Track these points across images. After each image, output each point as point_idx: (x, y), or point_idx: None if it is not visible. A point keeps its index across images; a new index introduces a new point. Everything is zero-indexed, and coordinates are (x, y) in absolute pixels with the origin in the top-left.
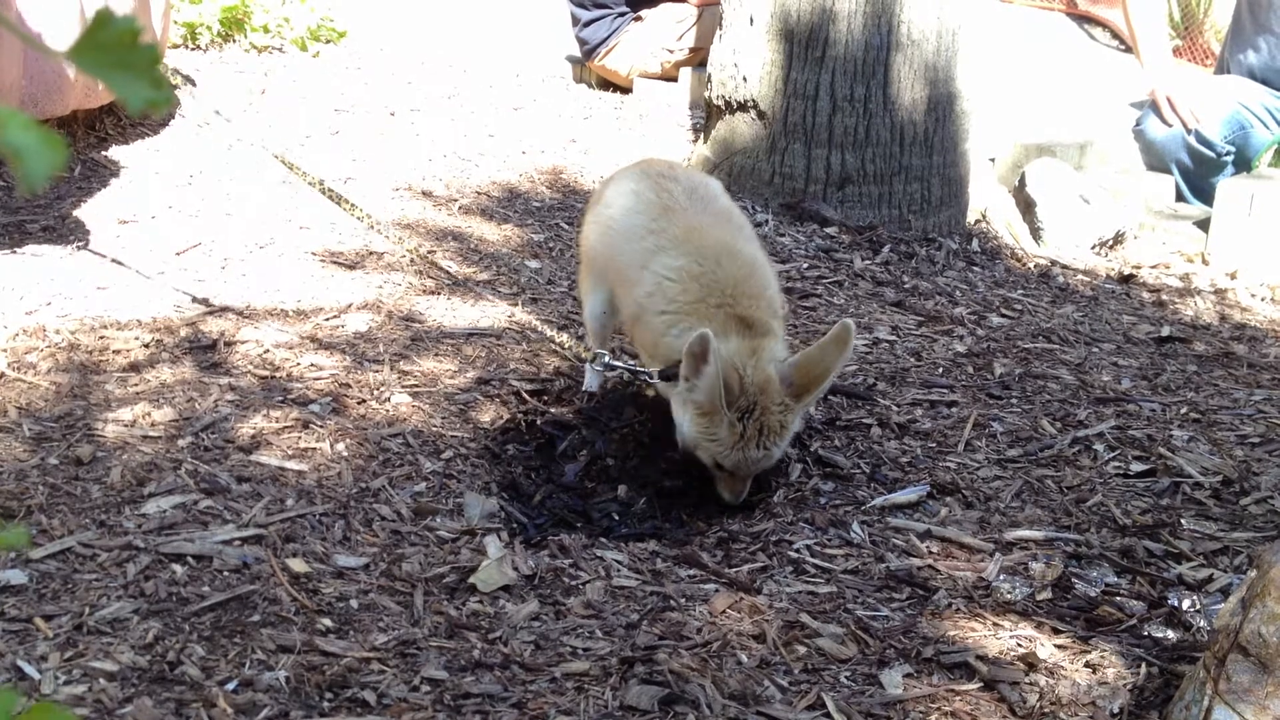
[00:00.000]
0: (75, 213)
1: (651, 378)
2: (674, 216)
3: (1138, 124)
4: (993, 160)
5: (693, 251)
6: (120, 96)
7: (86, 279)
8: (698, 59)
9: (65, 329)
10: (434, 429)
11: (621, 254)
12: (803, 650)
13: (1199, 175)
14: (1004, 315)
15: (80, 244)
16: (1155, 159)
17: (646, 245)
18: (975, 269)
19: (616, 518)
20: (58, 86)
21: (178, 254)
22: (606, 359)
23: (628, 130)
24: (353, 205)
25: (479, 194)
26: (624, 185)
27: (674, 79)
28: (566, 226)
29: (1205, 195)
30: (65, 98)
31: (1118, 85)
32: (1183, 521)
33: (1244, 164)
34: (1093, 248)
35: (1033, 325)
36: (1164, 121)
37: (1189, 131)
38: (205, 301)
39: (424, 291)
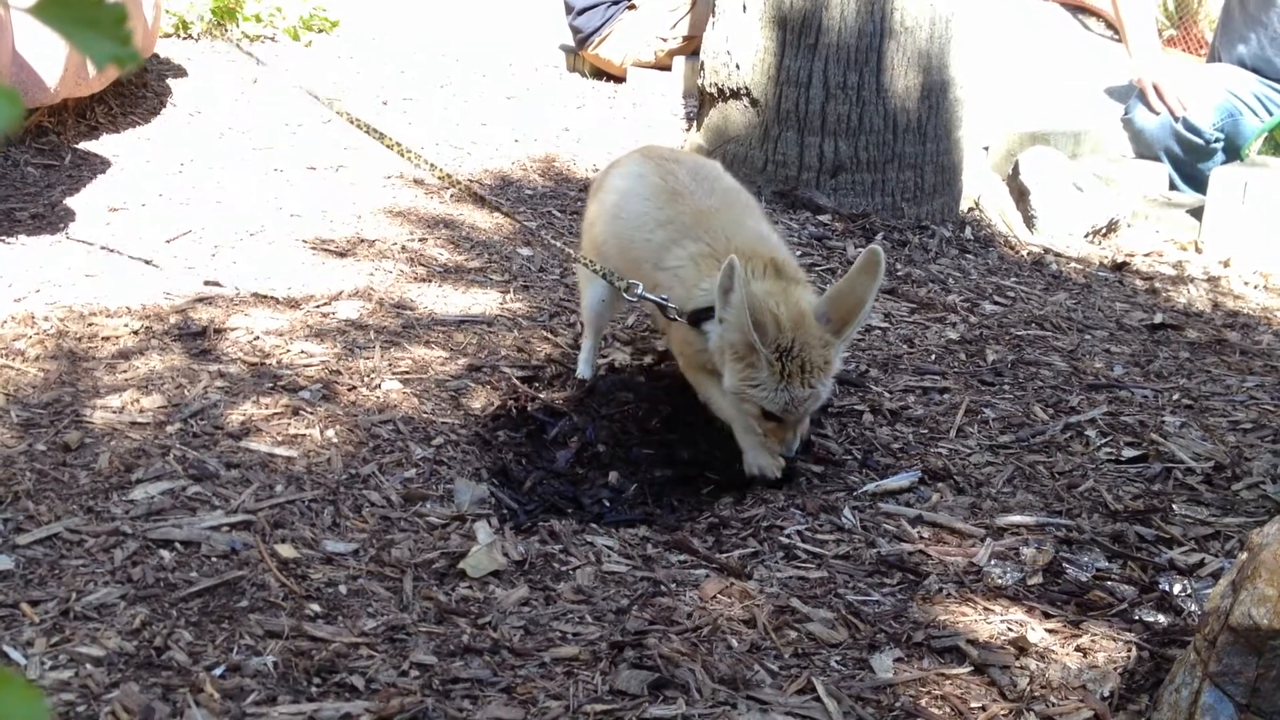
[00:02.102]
0: (65, 201)
1: (680, 316)
2: (682, 202)
3: (1126, 113)
4: (986, 148)
5: (703, 235)
6: (84, 53)
7: (76, 266)
8: (691, 47)
9: (54, 316)
10: (424, 415)
11: (633, 245)
12: (793, 635)
13: (1189, 163)
14: (997, 303)
15: (69, 232)
16: (1144, 147)
17: (658, 239)
18: (968, 256)
19: (607, 504)
20: (46, 75)
21: (168, 241)
22: (640, 289)
23: (621, 119)
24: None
25: (471, 182)
26: (628, 170)
27: (667, 68)
28: (559, 214)
29: (1196, 183)
30: (54, 86)
31: (1111, 75)
32: (1174, 507)
33: (1234, 151)
34: (1086, 235)
35: (1025, 312)
36: (1151, 110)
37: (1176, 119)
38: (195, 289)
39: (415, 279)
